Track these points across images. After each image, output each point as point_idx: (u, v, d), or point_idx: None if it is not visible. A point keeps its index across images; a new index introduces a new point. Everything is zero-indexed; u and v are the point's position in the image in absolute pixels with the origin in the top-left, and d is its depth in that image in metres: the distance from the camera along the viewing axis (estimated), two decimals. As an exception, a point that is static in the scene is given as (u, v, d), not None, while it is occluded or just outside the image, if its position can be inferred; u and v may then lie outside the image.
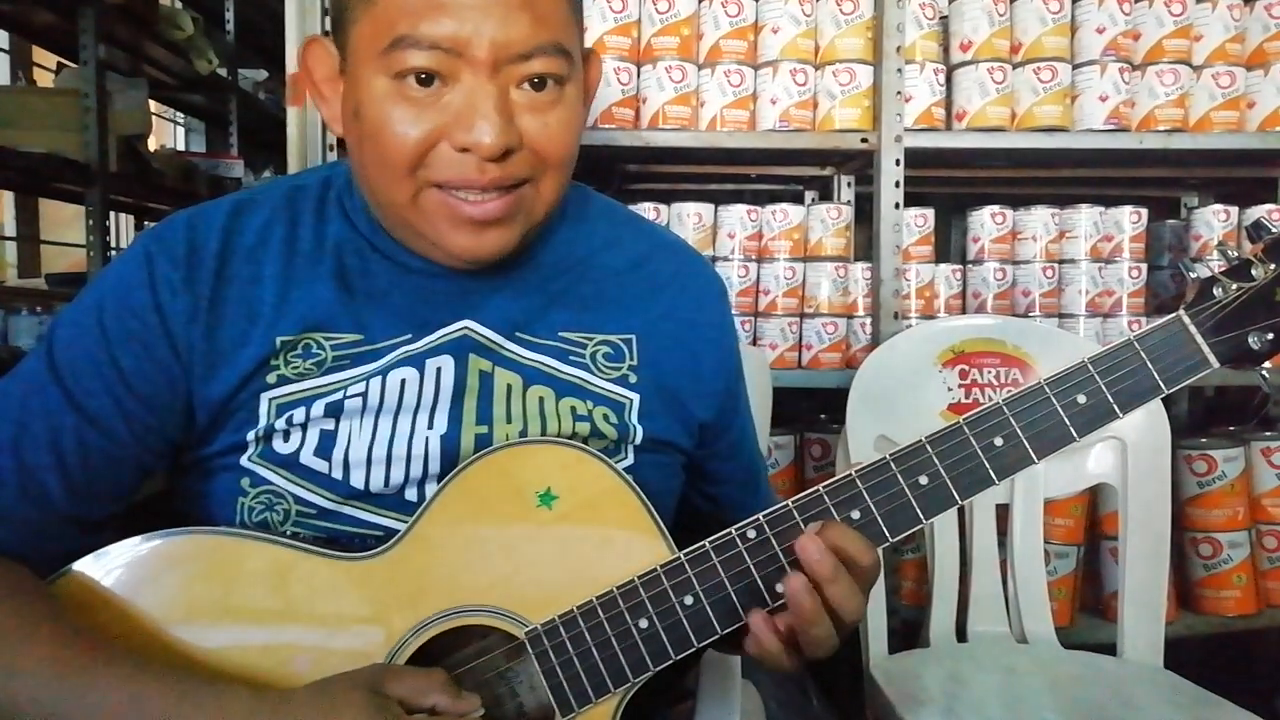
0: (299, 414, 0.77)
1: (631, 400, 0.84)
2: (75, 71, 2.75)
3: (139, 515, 0.79)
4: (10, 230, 3.99)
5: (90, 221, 2.69)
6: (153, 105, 3.44)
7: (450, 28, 0.70)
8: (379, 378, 0.79)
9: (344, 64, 0.76)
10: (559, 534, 0.74)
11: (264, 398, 0.78)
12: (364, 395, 0.78)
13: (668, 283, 0.89)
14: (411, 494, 0.78)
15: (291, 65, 1.70)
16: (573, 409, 0.81)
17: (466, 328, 0.81)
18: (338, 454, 0.77)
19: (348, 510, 0.77)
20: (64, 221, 3.89)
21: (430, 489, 0.78)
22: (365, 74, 0.73)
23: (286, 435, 0.78)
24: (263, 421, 0.77)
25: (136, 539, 0.74)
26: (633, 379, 0.84)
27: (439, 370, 0.80)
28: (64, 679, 0.66)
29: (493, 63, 0.71)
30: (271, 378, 0.78)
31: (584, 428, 0.81)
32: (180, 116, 4.91)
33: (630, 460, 0.83)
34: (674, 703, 0.99)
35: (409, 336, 0.80)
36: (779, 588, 0.72)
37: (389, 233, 0.81)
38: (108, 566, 0.73)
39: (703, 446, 0.91)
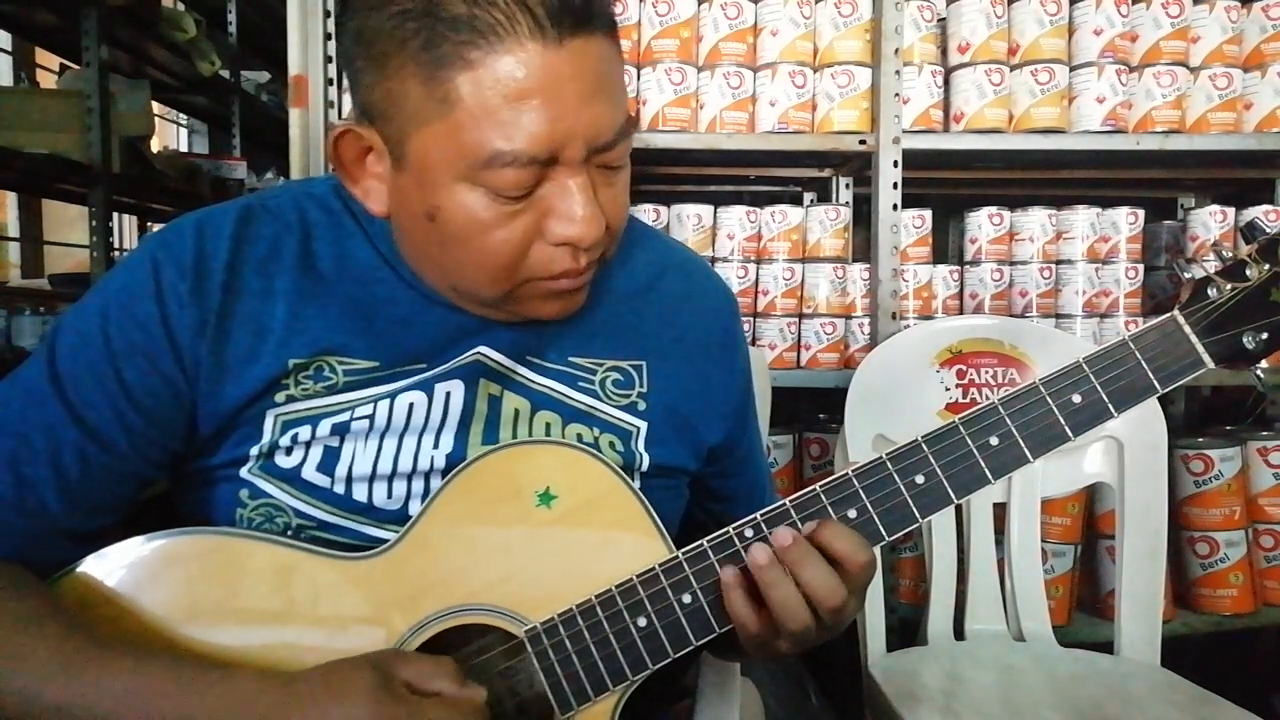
0: (304, 432, 0.77)
1: (639, 428, 0.84)
2: (78, 73, 2.76)
3: (140, 516, 0.79)
4: (14, 231, 4.01)
5: (93, 222, 2.69)
6: (155, 107, 3.44)
7: (543, 136, 0.67)
8: (387, 400, 0.78)
9: (400, 159, 0.72)
10: (558, 533, 0.75)
11: (270, 414, 0.77)
12: (371, 417, 0.77)
13: (679, 305, 0.89)
14: (415, 508, 0.78)
15: (294, 67, 1.71)
16: (579, 436, 0.81)
17: (479, 352, 0.80)
18: (340, 470, 0.77)
19: (349, 524, 0.77)
20: (67, 222, 3.91)
21: None
22: (443, 180, 0.70)
23: (289, 451, 0.77)
24: (266, 436, 0.77)
25: (139, 539, 0.74)
26: (641, 406, 0.84)
27: (448, 395, 0.79)
28: (70, 671, 0.66)
29: (584, 158, 0.70)
30: (280, 396, 0.77)
31: None
32: (183, 118, 4.92)
33: (636, 486, 0.83)
34: (673, 701, 0.99)
35: (424, 365, 0.79)
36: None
37: (422, 277, 0.80)
38: (110, 566, 0.73)
39: (710, 465, 0.91)
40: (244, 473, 0.77)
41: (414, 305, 0.80)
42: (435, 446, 0.78)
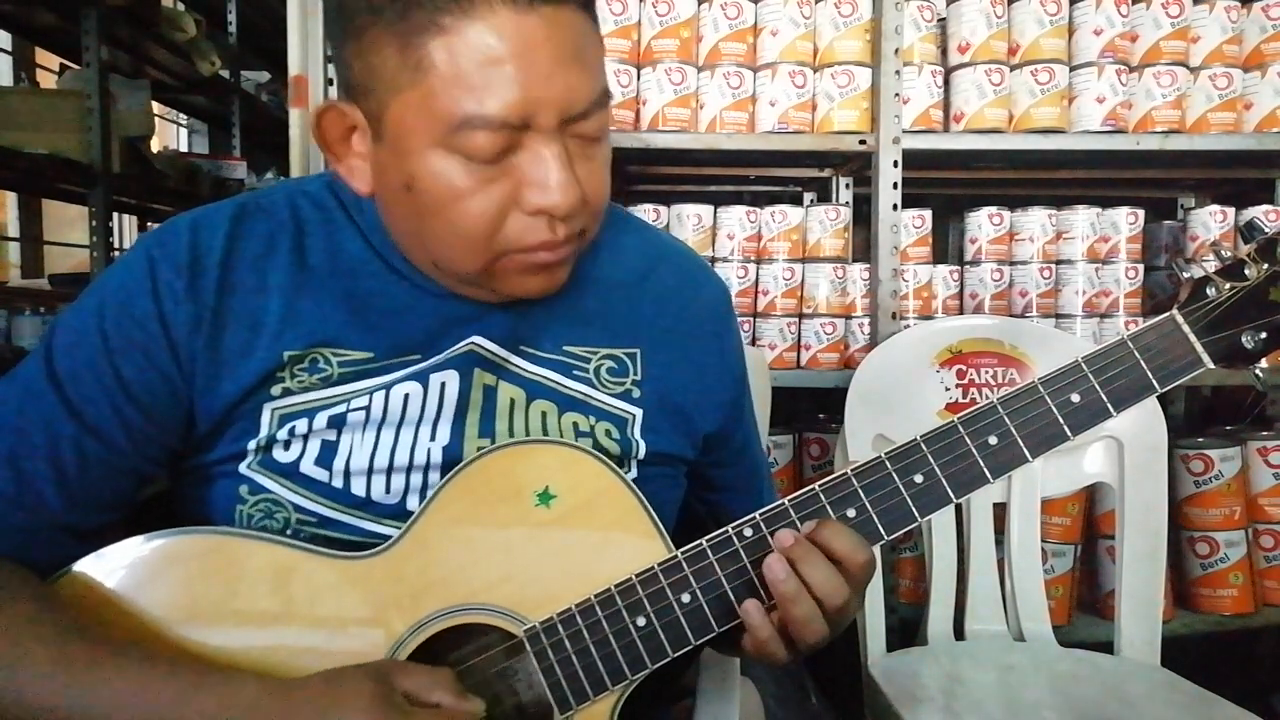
0: (301, 425, 0.77)
1: (634, 415, 0.84)
2: (78, 73, 2.76)
3: (139, 516, 0.79)
4: (14, 231, 4.02)
5: (93, 222, 2.70)
6: (155, 107, 3.44)
7: (515, 100, 0.68)
8: (382, 392, 0.78)
9: (379, 132, 0.72)
10: (557, 533, 0.75)
11: (267, 408, 0.77)
12: (367, 408, 0.78)
13: (672, 295, 0.89)
14: (413, 502, 0.78)
15: (294, 67, 1.71)
16: (575, 424, 0.82)
17: (473, 342, 0.81)
18: (338, 464, 0.77)
19: (348, 519, 0.77)
20: (67, 222, 3.91)
21: None
22: (418, 148, 0.70)
23: (287, 445, 0.77)
24: (264, 431, 0.77)
25: (138, 538, 0.74)
26: (636, 394, 0.84)
27: (443, 385, 0.79)
28: (71, 672, 0.66)
29: (558, 126, 0.70)
30: (276, 389, 0.77)
31: (586, 444, 0.81)
32: (183, 118, 4.93)
33: (633, 474, 0.83)
34: (673, 701, 0.99)
35: (418, 356, 0.80)
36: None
37: (407, 256, 0.80)
38: (109, 566, 0.73)
39: (706, 455, 0.91)
40: (243, 468, 0.77)
41: (406, 296, 0.80)
42: (432, 438, 0.78)
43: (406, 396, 0.79)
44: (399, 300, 0.80)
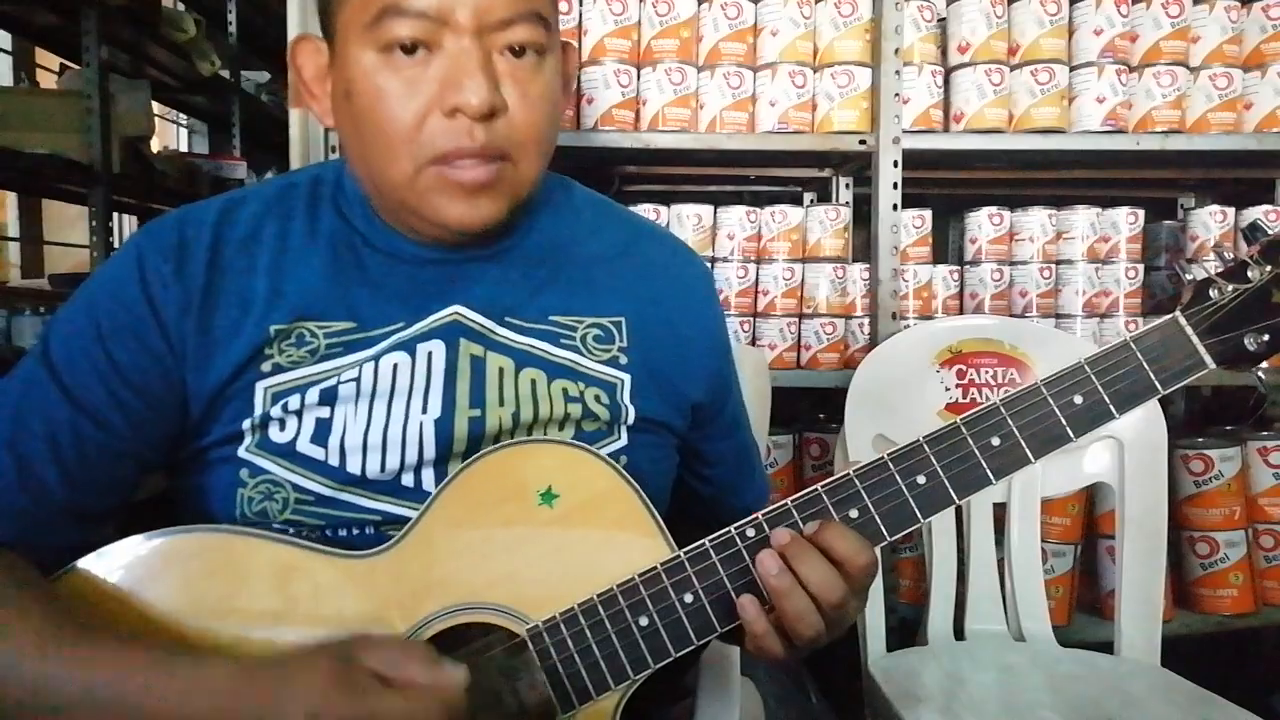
0: (294, 401, 0.78)
1: (623, 381, 0.85)
2: (78, 73, 2.75)
3: (139, 515, 0.80)
4: (14, 231, 4.01)
5: (93, 222, 2.69)
6: (155, 107, 3.44)
7: None
8: (371, 363, 0.80)
9: (333, 52, 0.78)
10: (560, 533, 0.75)
11: (259, 386, 0.78)
12: (357, 381, 0.79)
13: (654, 268, 0.91)
14: (408, 479, 0.79)
15: (294, 67, 1.71)
16: (565, 390, 0.82)
17: (456, 313, 0.82)
18: (334, 440, 0.78)
19: (346, 497, 0.78)
20: (67, 222, 3.90)
21: (426, 474, 0.79)
22: (353, 51, 0.75)
23: (282, 424, 0.78)
24: (258, 410, 0.78)
25: (140, 537, 0.74)
26: (623, 360, 0.86)
27: (430, 355, 0.81)
28: (47, 655, 0.67)
29: (476, 28, 0.73)
30: (266, 366, 0.79)
31: (576, 409, 0.82)
32: (183, 118, 4.92)
33: (623, 441, 0.84)
34: (674, 700, 0.99)
35: (401, 324, 0.81)
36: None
37: (382, 221, 0.83)
38: (111, 564, 0.74)
39: (696, 428, 0.92)
40: (241, 452, 0.78)
41: (382, 265, 0.83)
42: (424, 411, 0.79)
43: (395, 367, 0.80)
44: (375, 270, 0.82)
